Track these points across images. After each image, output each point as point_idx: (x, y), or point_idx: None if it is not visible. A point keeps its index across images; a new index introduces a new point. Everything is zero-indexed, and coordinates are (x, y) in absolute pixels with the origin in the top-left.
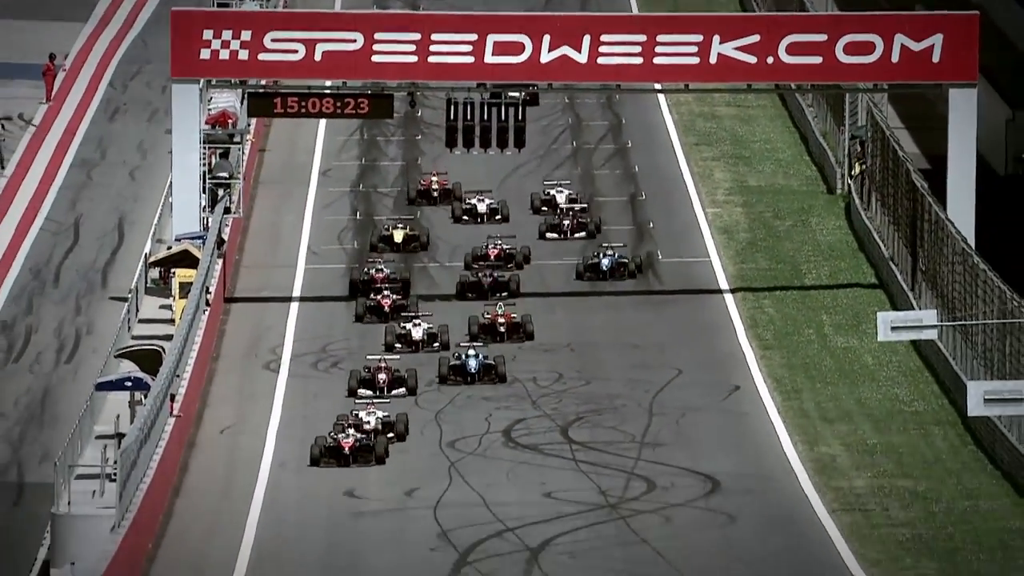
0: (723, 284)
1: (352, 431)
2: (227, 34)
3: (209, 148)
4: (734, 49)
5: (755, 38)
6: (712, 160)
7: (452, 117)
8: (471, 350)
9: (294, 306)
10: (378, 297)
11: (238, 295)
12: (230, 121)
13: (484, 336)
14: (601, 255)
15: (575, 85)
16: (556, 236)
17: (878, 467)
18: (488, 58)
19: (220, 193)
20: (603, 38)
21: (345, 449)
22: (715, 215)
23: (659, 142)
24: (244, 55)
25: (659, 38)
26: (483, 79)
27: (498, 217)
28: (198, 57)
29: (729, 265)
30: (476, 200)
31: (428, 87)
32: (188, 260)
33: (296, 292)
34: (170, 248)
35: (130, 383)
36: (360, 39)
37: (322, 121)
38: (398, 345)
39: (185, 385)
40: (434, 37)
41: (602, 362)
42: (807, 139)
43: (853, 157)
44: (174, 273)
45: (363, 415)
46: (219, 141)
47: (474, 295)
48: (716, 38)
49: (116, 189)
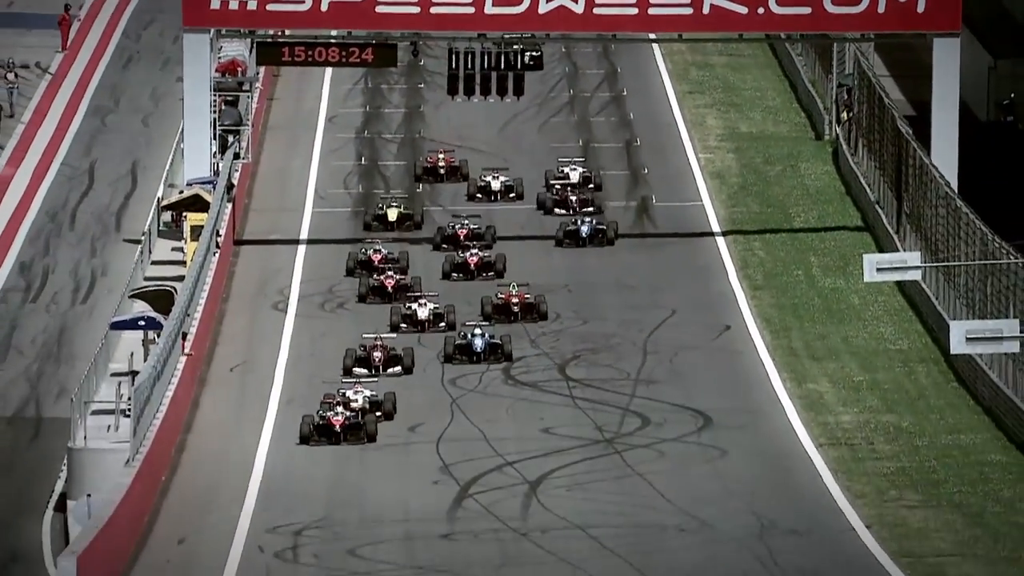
0: (715, 227)
1: (340, 409)
2: None
3: (219, 96)
4: (726, 0)
5: None
6: (704, 107)
7: (454, 66)
8: (477, 329)
9: (301, 248)
10: (381, 277)
11: (247, 238)
12: (239, 69)
13: (497, 316)
14: (580, 222)
15: (572, 35)
16: (564, 212)
17: (864, 403)
18: (488, 9)
19: (230, 139)
20: None
21: (336, 427)
22: (707, 160)
23: (653, 90)
24: (253, 5)
25: None
26: (483, 29)
27: (512, 195)
28: (208, 7)
29: (721, 209)
30: (491, 177)
31: (430, 37)
32: (199, 204)
33: (303, 235)
34: (182, 192)
35: (143, 322)
36: None
37: (328, 70)
38: (404, 325)
39: (196, 324)
40: None
41: (598, 303)
42: (796, 87)
43: (840, 104)
44: (185, 216)
45: (350, 394)
46: (229, 89)
47: (462, 275)
48: None
49: (129, 135)
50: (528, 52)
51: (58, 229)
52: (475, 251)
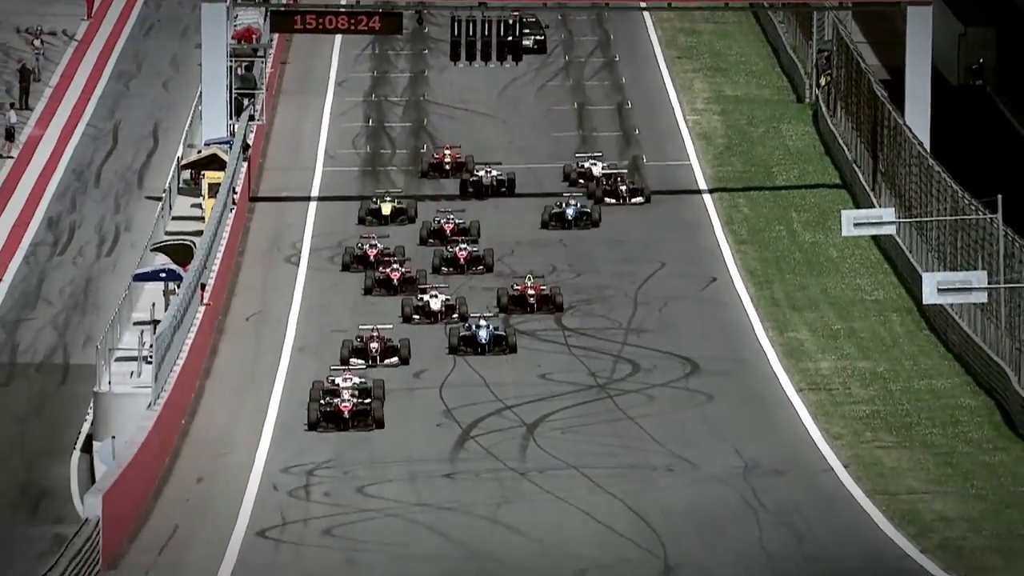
0: (702, 185)
1: (347, 396)
2: None
3: (235, 61)
4: None
5: None
6: (692, 72)
7: (456, 33)
8: (482, 320)
9: (312, 205)
10: (387, 270)
11: (262, 195)
12: (254, 36)
13: (513, 308)
14: (564, 205)
15: (568, 4)
16: (614, 201)
17: (841, 350)
18: None
19: (245, 102)
20: None
21: (344, 413)
22: (695, 122)
23: (644, 56)
24: None
25: None
26: None
27: (503, 189)
28: None
29: (707, 168)
30: (483, 172)
31: (434, 6)
32: (216, 163)
33: (314, 192)
34: (200, 152)
35: (164, 274)
36: None
37: (337, 37)
38: (416, 317)
39: (214, 276)
40: None
41: (592, 256)
42: (778, 53)
43: (820, 69)
44: (203, 175)
45: (339, 381)
46: (244, 55)
47: (451, 270)
48: None
49: (151, 98)
50: (533, 36)
51: (84, 187)
52: (464, 246)
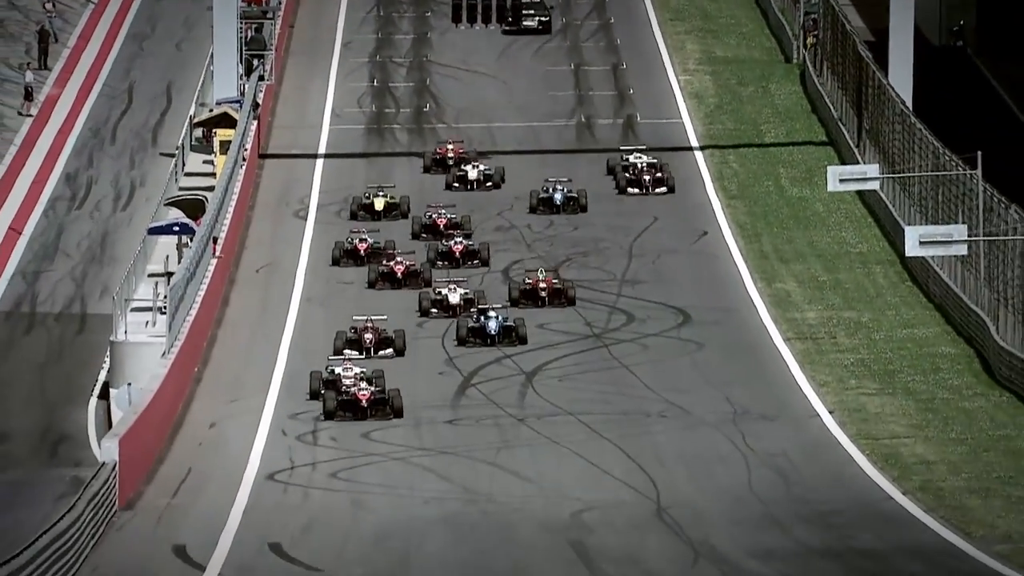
0: (693, 142)
1: (364, 385)
2: None
3: (245, 23)
4: None
5: None
6: (684, 34)
7: None
8: (491, 311)
9: (319, 162)
10: (391, 263)
11: (271, 152)
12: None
13: (525, 301)
14: (552, 190)
15: None
16: (637, 191)
17: (827, 301)
18: None
19: (255, 63)
20: None
21: (362, 402)
22: (687, 82)
23: (638, 18)
24: None
25: None
26: None
27: (489, 184)
28: None
29: (699, 126)
30: (469, 166)
31: None
32: (227, 121)
33: (321, 149)
34: (212, 111)
35: (178, 228)
36: None
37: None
38: (434, 310)
39: (225, 230)
40: None
41: (588, 211)
42: (767, 15)
43: (807, 31)
44: (215, 132)
45: (339, 370)
46: (254, 17)
47: (447, 263)
48: None
49: (165, 59)
50: (538, 16)
51: (100, 144)
52: (459, 239)
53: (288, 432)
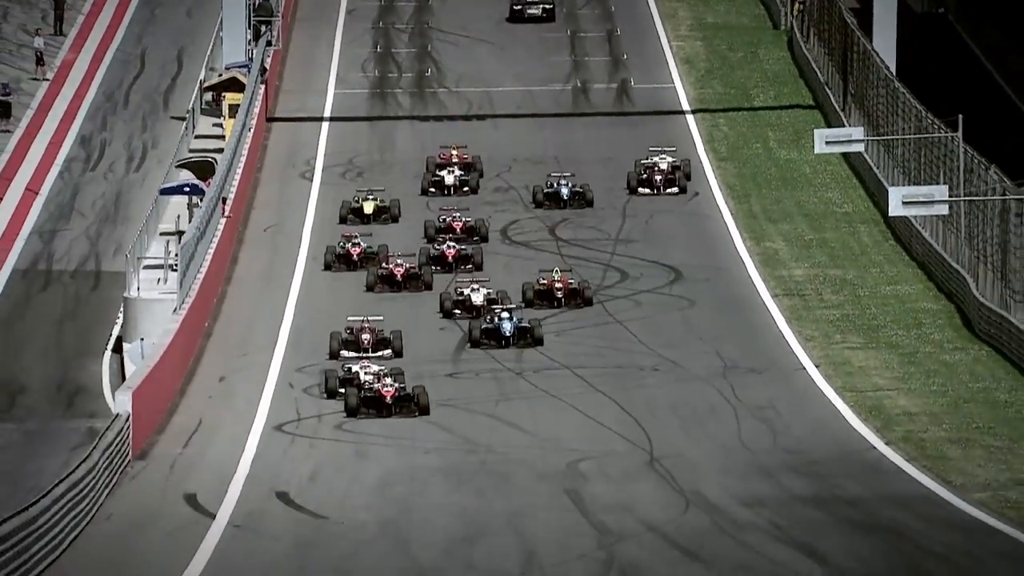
0: (685, 106)
1: (388, 381)
2: None
3: None
4: None
5: None
6: (676, 1)
7: None
8: (504, 312)
9: (325, 125)
10: (390, 266)
11: (278, 115)
12: None
13: (540, 302)
14: (557, 184)
15: None
16: (648, 191)
17: (813, 259)
18: None
19: (263, 29)
20: None
21: (387, 399)
22: (679, 48)
23: None
24: None
25: None
26: None
27: (466, 189)
28: None
29: (690, 90)
30: (445, 172)
31: None
32: (236, 85)
33: (327, 113)
34: (221, 75)
35: (188, 189)
36: None
37: None
38: (456, 312)
39: (234, 191)
40: None
41: (583, 172)
42: None
43: None
44: (224, 96)
45: (356, 368)
46: None
47: (439, 268)
48: None
49: (175, 25)
50: (542, 4)
51: (114, 107)
52: (452, 244)
53: (295, 385)
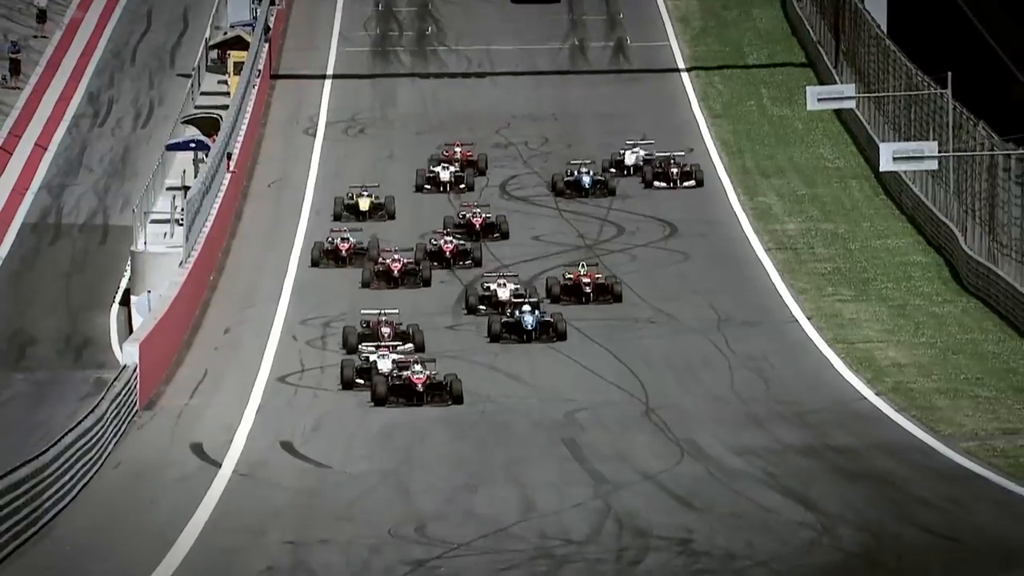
0: (680, 64)
1: (418, 368)
2: None
3: None
4: None
5: None
6: None
7: None
8: (526, 306)
9: (328, 82)
10: (387, 262)
11: (282, 72)
12: None
13: (566, 298)
14: (578, 172)
15: None
16: (664, 185)
17: (806, 213)
18: None
19: None
20: None
21: (418, 386)
22: (674, 6)
23: None
24: None
25: None
26: None
27: (462, 186)
28: None
29: (685, 48)
30: (440, 168)
31: None
32: (241, 44)
33: (329, 70)
34: (226, 34)
35: (194, 144)
36: None
37: None
38: (481, 308)
39: (239, 147)
40: None
41: (581, 128)
42: None
43: None
44: (229, 54)
45: (374, 357)
46: None
47: (437, 264)
48: None
49: None
50: None
51: (121, 65)
52: (450, 239)
53: (298, 337)
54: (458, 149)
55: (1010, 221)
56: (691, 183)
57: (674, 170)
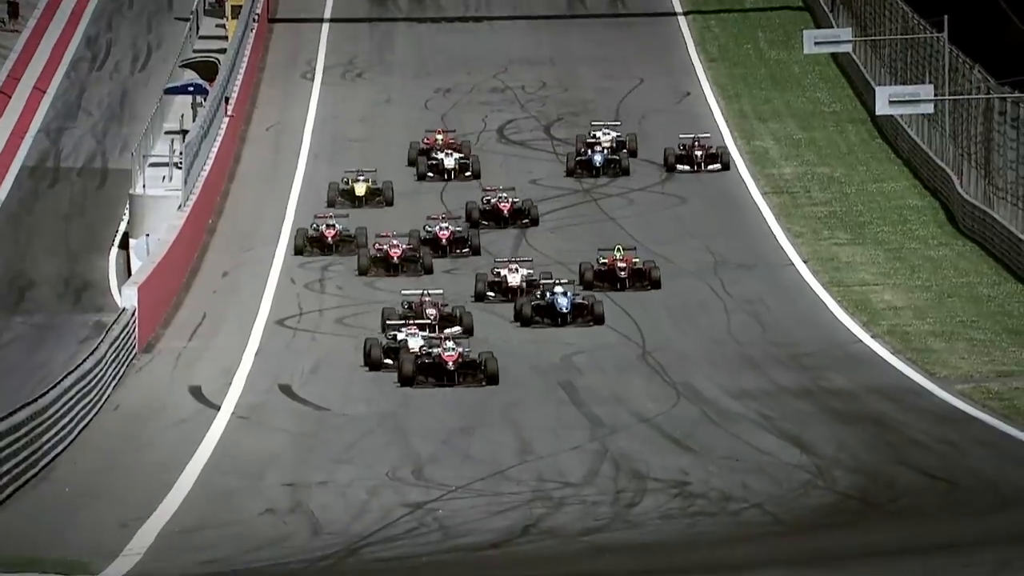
0: (676, 7)
1: (450, 344)
2: None
3: None
4: None
5: None
6: None
7: None
8: (558, 287)
9: (325, 26)
10: (386, 247)
11: (279, 16)
12: None
13: (600, 284)
14: (591, 151)
15: None
16: (688, 168)
17: (802, 157)
18: None
19: None
20: None
21: (449, 364)
22: None
23: None
24: None
25: None
26: None
27: (467, 173)
28: None
29: None
30: (443, 155)
31: None
32: None
33: (327, 14)
34: None
35: (192, 88)
36: None
37: None
38: (491, 294)
39: (237, 90)
40: None
41: (578, 73)
42: None
43: None
44: None
45: (402, 335)
46: None
47: (432, 251)
48: None
49: None
50: None
51: (119, 7)
52: (445, 225)
53: (296, 281)
54: (439, 136)
55: (1006, 164)
56: (716, 166)
57: (698, 152)
